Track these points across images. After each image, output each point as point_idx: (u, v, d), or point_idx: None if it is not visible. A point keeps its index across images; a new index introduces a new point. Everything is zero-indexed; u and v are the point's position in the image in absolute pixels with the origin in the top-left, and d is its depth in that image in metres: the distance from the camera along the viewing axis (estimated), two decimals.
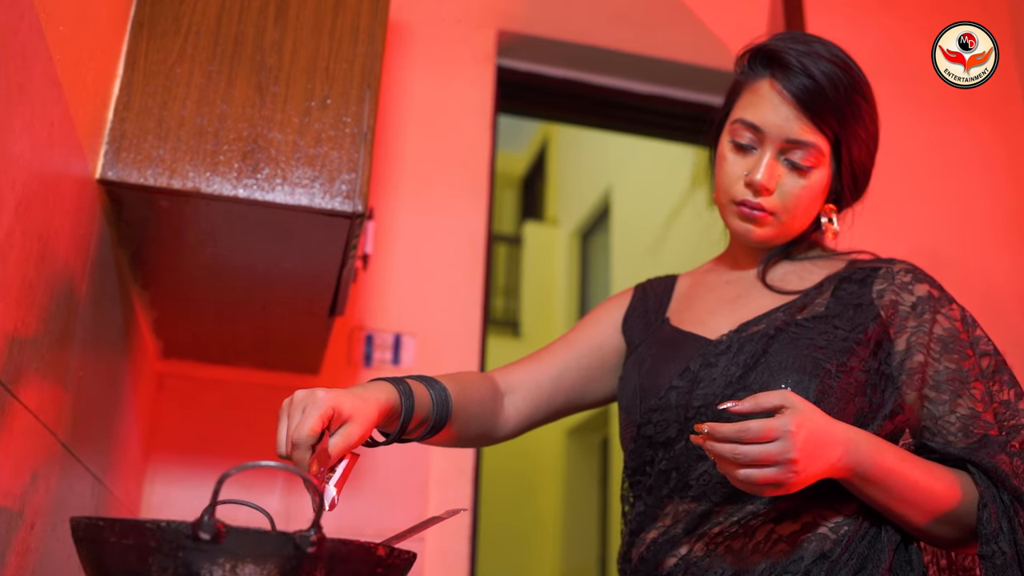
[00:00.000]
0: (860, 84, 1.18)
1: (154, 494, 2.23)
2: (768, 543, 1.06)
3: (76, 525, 0.77)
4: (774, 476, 0.94)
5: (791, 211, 1.17)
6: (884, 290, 1.14)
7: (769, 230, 1.18)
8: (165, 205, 1.35)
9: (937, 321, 1.11)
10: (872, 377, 1.10)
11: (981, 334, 1.13)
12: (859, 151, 1.18)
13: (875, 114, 1.20)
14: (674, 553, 1.11)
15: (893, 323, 1.12)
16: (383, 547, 0.79)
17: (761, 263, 1.24)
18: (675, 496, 1.13)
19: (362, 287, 2.49)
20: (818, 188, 1.17)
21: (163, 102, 1.33)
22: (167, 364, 2.29)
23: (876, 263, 1.18)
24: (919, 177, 3.06)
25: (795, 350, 1.10)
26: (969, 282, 2.96)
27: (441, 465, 2.43)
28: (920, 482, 1.02)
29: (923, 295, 1.12)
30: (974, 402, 1.07)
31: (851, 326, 1.12)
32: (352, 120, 1.38)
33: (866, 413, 1.08)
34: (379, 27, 1.44)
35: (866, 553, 1.05)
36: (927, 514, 1.03)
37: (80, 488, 1.36)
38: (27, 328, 0.98)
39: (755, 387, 1.09)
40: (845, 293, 1.15)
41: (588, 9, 2.95)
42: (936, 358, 1.09)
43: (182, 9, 1.38)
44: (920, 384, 1.09)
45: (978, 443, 1.05)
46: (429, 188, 2.64)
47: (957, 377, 1.08)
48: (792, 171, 1.16)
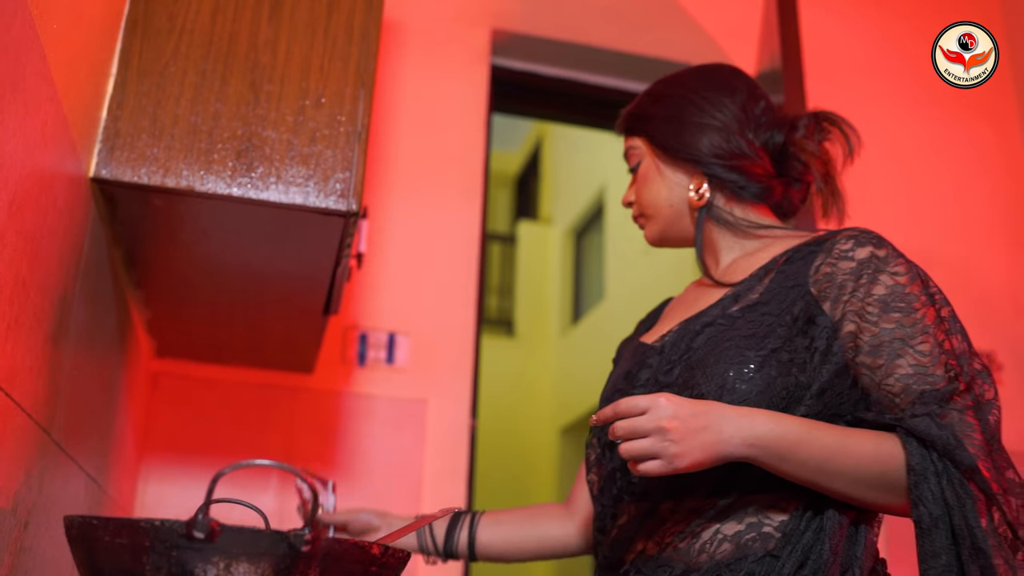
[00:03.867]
0: (660, 81, 1.35)
1: (148, 493, 2.22)
2: (713, 543, 1.06)
3: (70, 524, 0.77)
4: (651, 445, 0.99)
5: (643, 204, 1.31)
6: (820, 264, 1.11)
7: (649, 230, 1.32)
8: (159, 204, 1.35)
9: (879, 281, 1.06)
10: (799, 356, 1.07)
11: (935, 289, 1.08)
12: (661, 126, 1.29)
13: (685, 94, 1.29)
14: (631, 550, 1.14)
15: (828, 296, 1.08)
16: (377, 546, 0.79)
17: (700, 263, 1.27)
18: (624, 496, 1.16)
19: (356, 286, 2.49)
20: (648, 176, 1.30)
21: (157, 100, 1.32)
22: (161, 363, 2.28)
23: (823, 236, 1.15)
24: (913, 176, 3.07)
25: (717, 343, 1.11)
26: (964, 283, 2.97)
27: (435, 465, 2.43)
28: (839, 450, 1.00)
29: (864, 257, 1.08)
30: (920, 357, 1.03)
31: (779, 309, 1.10)
32: (346, 119, 1.38)
33: (793, 394, 1.05)
34: (373, 26, 1.44)
35: (810, 543, 1.03)
36: (858, 482, 1.01)
37: (74, 487, 1.36)
38: (20, 327, 0.98)
39: (676, 384, 1.12)
40: (784, 275, 1.13)
41: (582, 8, 2.95)
42: (873, 322, 1.05)
43: (176, 8, 1.37)
44: (854, 354, 1.06)
45: (917, 400, 1.01)
46: (423, 187, 2.64)
47: (898, 336, 1.04)
48: (633, 176, 1.34)
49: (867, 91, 3.10)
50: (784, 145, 1.25)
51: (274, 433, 2.36)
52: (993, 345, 2.87)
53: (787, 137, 1.25)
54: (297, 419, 2.39)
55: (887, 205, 2.97)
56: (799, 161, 1.25)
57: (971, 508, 0.95)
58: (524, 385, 8.70)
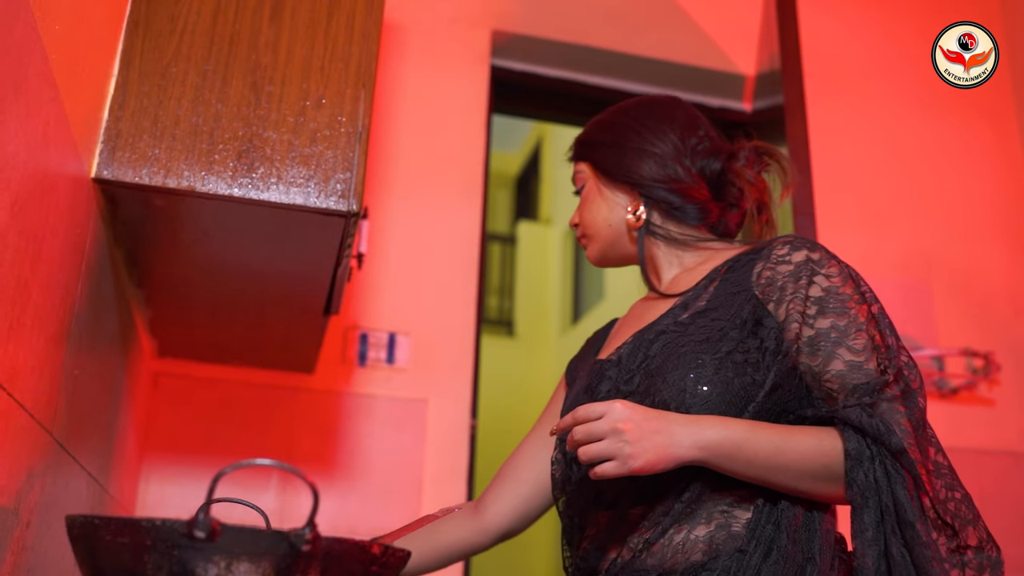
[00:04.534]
0: (608, 111, 1.39)
1: (149, 492, 2.23)
2: (687, 545, 1.11)
3: (71, 523, 0.77)
4: (606, 447, 1.03)
5: (585, 225, 1.37)
6: (761, 270, 1.17)
7: (590, 249, 1.38)
8: (160, 204, 1.35)
9: (814, 283, 1.13)
10: (752, 356, 1.13)
11: (865, 288, 1.15)
12: (604, 152, 1.35)
13: (628, 122, 1.35)
14: (604, 559, 1.18)
15: (771, 298, 1.15)
16: (377, 545, 0.79)
17: (644, 279, 1.34)
18: (593, 507, 1.21)
19: (357, 286, 2.49)
20: (590, 198, 1.36)
21: (158, 101, 1.33)
22: (162, 363, 2.29)
23: (760, 244, 1.22)
24: (913, 177, 3.07)
25: (673, 349, 1.16)
26: (963, 284, 2.97)
27: (435, 464, 2.43)
28: (783, 446, 1.06)
29: (800, 260, 1.15)
30: (853, 354, 1.09)
31: (729, 314, 1.16)
32: (347, 119, 1.38)
33: (749, 392, 1.11)
34: (374, 27, 1.44)
35: (771, 536, 1.09)
36: (804, 475, 1.06)
37: (75, 486, 1.36)
38: (22, 327, 0.99)
39: (638, 392, 1.16)
40: (728, 283, 1.20)
41: (582, 9, 2.95)
42: (811, 322, 1.11)
43: (177, 9, 1.38)
44: (796, 353, 1.12)
45: (851, 392, 1.08)
46: (423, 187, 2.65)
47: (834, 333, 1.10)
48: (579, 199, 1.40)
49: (866, 91, 3.10)
50: (722, 172, 1.32)
51: (275, 433, 2.37)
52: (992, 346, 2.87)
53: (725, 165, 1.32)
54: (298, 419, 2.39)
55: (887, 205, 2.98)
56: (735, 187, 1.32)
57: (900, 486, 1.02)
58: (524, 385, 8.70)
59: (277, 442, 2.35)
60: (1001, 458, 2.79)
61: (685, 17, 3.01)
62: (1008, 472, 2.78)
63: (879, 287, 1.36)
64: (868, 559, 1.02)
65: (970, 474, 2.79)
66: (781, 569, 1.06)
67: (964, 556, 1.04)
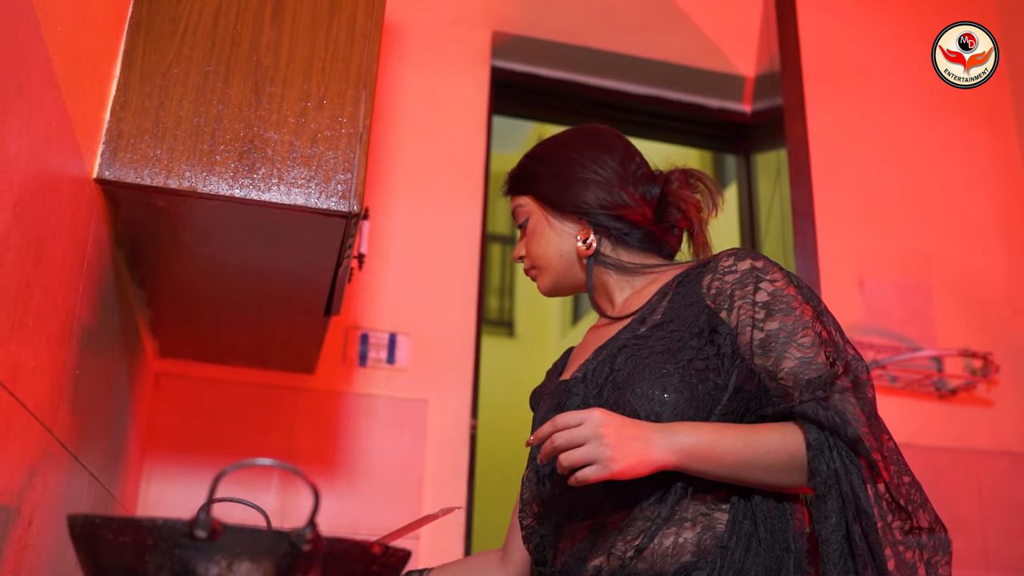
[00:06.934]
0: (541, 144, 1.42)
1: (150, 492, 2.23)
2: (675, 548, 1.14)
3: (73, 523, 0.78)
4: (587, 451, 1.06)
5: (534, 257, 1.39)
6: (710, 281, 1.22)
7: (541, 281, 1.40)
8: (162, 204, 1.36)
9: (760, 288, 1.18)
10: (712, 361, 1.17)
11: (807, 289, 1.21)
12: (547, 184, 1.37)
13: (567, 153, 1.38)
14: (585, 570, 1.19)
15: (723, 306, 1.20)
16: (378, 545, 0.79)
17: (594, 306, 1.37)
18: (568, 520, 1.23)
19: (357, 287, 2.49)
20: (538, 230, 1.38)
21: (160, 102, 1.33)
22: (164, 363, 2.29)
23: (708, 259, 1.27)
24: (912, 177, 3.07)
25: (637, 360, 1.20)
26: (962, 284, 2.97)
27: (436, 464, 2.44)
28: (750, 443, 1.11)
29: (746, 269, 1.21)
30: (803, 350, 1.15)
31: (685, 324, 1.21)
32: (348, 120, 1.38)
33: (714, 396, 1.16)
34: (375, 28, 1.45)
35: (750, 530, 1.14)
36: (772, 469, 1.11)
37: (77, 486, 1.37)
38: (24, 327, 0.99)
39: (608, 404, 1.18)
40: (680, 296, 1.25)
41: (582, 11, 2.95)
42: (760, 326, 1.17)
43: (179, 10, 1.38)
44: (751, 356, 1.17)
45: (804, 387, 1.12)
46: (424, 188, 2.65)
47: (783, 333, 1.16)
48: (521, 233, 1.43)
49: (866, 92, 3.10)
50: (662, 195, 1.36)
51: (275, 433, 2.37)
52: (991, 346, 2.87)
53: (663, 188, 1.36)
54: (298, 419, 2.40)
55: (885, 206, 2.98)
56: (677, 209, 1.36)
57: (857, 475, 1.08)
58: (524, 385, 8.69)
59: (278, 442, 2.36)
60: (1000, 458, 2.79)
61: (685, 18, 3.01)
62: (1007, 472, 2.78)
63: (878, 287, 1.36)
64: (832, 544, 1.07)
65: (969, 474, 2.80)
66: (762, 560, 1.12)
67: (920, 539, 1.09)
